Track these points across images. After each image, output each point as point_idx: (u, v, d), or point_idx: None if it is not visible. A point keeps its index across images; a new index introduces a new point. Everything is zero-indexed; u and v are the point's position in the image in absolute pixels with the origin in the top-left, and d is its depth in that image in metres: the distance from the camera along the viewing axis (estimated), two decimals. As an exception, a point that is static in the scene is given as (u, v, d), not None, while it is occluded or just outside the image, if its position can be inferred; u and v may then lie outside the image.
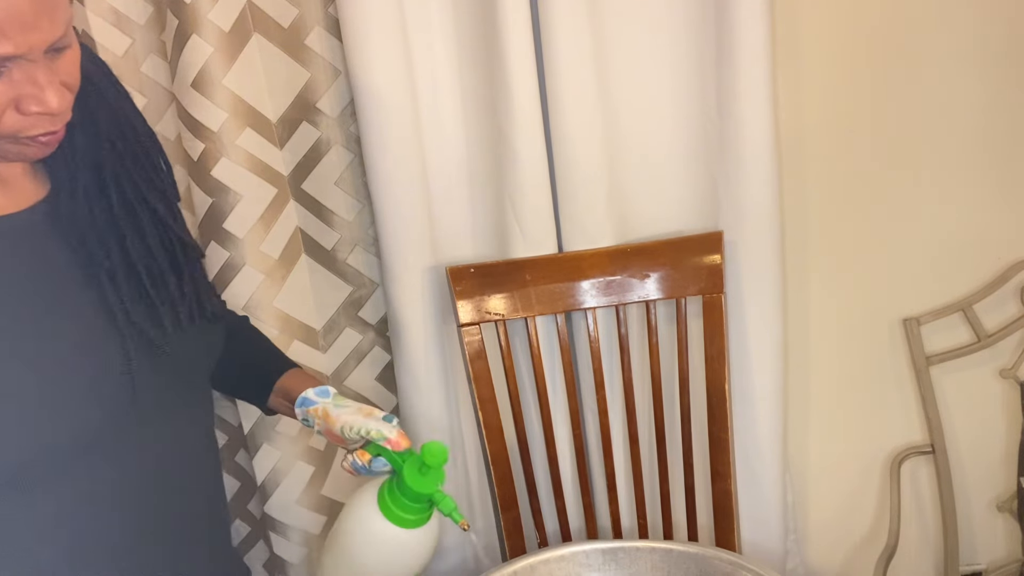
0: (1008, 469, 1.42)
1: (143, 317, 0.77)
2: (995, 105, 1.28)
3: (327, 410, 0.90)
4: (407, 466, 0.84)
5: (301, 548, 1.34)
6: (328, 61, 1.21)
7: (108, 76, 0.82)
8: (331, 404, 0.90)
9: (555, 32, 1.14)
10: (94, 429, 0.73)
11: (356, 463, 0.87)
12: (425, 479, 0.83)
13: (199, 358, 0.86)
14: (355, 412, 0.88)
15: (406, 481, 0.83)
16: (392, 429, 0.86)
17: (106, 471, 0.75)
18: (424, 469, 0.83)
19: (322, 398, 0.91)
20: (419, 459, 0.83)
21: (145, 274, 0.78)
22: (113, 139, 0.79)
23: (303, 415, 0.92)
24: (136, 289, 0.78)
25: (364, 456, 0.87)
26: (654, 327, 1.22)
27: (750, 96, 1.16)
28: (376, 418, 0.87)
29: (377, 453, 0.87)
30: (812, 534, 1.47)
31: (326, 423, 0.89)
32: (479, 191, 1.26)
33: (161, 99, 1.21)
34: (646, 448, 1.32)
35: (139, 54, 1.20)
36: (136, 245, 0.78)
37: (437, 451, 0.83)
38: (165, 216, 0.82)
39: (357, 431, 0.86)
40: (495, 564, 1.23)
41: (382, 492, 0.85)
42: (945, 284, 1.35)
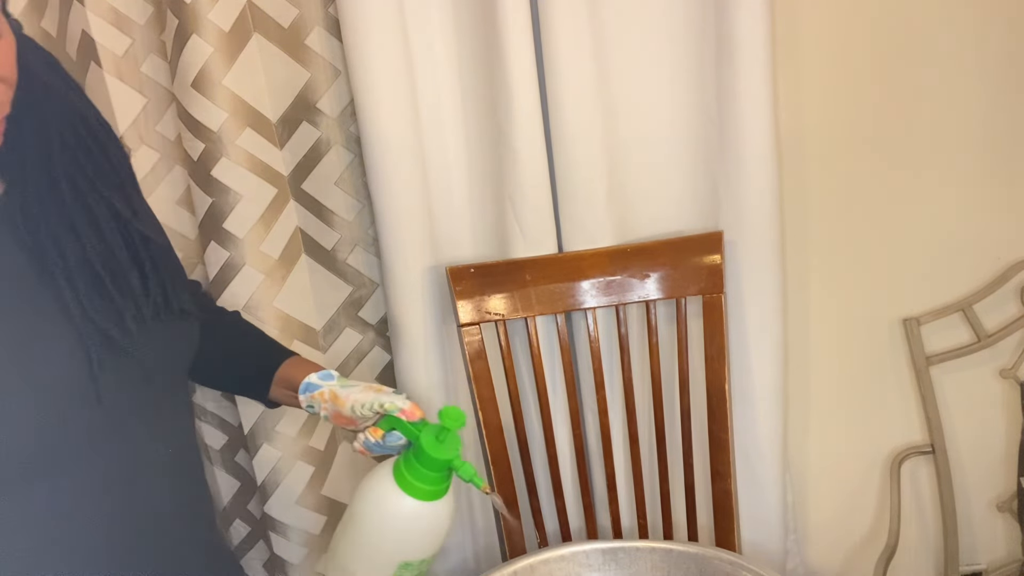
0: (1008, 469, 1.43)
1: (103, 316, 0.74)
2: (995, 105, 1.28)
3: (334, 392, 0.88)
4: (424, 434, 0.82)
5: (301, 548, 1.34)
6: (328, 61, 1.21)
7: (54, 67, 0.79)
8: (337, 386, 0.88)
9: (555, 32, 1.14)
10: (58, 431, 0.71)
11: (368, 442, 0.86)
12: (444, 446, 0.82)
13: (171, 355, 0.84)
14: (364, 390, 0.87)
15: (425, 449, 0.81)
16: (405, 400, 0.85)
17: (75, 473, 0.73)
18: (443, 435, 0.82)
19: (326, 381, 0.90)
20: (435, 428, 0.82)
21: (104, 271, 0.76)
22: (63, 133, 0.76)
23: (308, 401, 0.90)
24: (95, 287, 0.75)
25: (376, 433, 0.85)
26: (654, 327, 1.22)
27: (750, 96, 1.16)
28: (386, 392, 0.86)
29: (390, 428, 0.85)
30: (812, 534, 1.47)
31: (334, 405, 0.87)
32: (479, 191, 1.26)
33: (161, 99, 1.21)
34: (646, 448, 1.32)
35: (139, 54, 1.20)
36: (92, 241, 0.76)
37: (456, 415, 0.82)
38: (122, 210, 0.79)
39: (369, 407, 0.85)
40: (495, 564, 1.23)
41: (398, 465, 0.84)
42: (945, 284, 1.35)
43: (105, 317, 0.74)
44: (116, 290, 0.76)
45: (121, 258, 0.78)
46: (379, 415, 0.85)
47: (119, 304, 0.76)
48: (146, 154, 1.23)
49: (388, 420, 0.85)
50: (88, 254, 0.75)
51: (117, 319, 0.75)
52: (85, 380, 0.72)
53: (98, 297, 0.75)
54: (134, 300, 0.78)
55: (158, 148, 1.23)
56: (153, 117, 1.22)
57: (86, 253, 0.75)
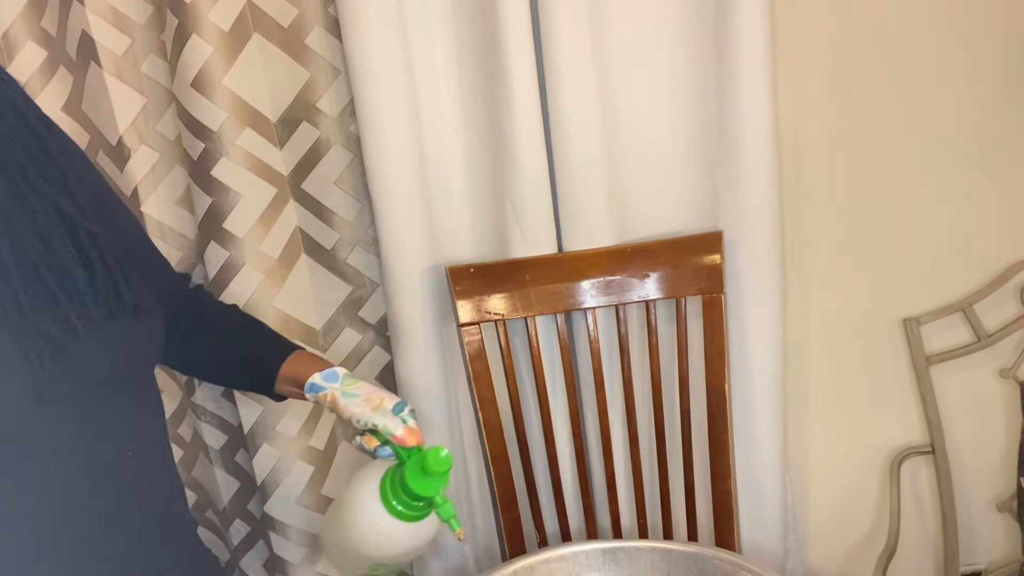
0: (1008, 469, 1.42)
1: (45, 317, 0.73)
2: (995, 105, 1.28)
3: (335, 398, 0.88)
4: (410, 465, 0.83)
5: (301, 548, 1.34)
6: (328, 61, 1.21)
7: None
8: (339, 392, 0.88)
9: (555, 32, 1.14)
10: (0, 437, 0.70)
11: (364, 447, 0.87)
12: (427, 481, 0.83)
13: (128, 354, 0.82)
14: (363, 404, 0.87)
15: (407, 480, 0.82)
16: (399, 425, 0.85)
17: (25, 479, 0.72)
18: (427, 472, 0.82)
19: (330, 383, 0.90)
20: (422, 459, 0.82)
21: (47, 271, 0.74)
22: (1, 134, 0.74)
23: (314, 399, 0.91)
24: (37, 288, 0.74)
25: (371, 442, 0.86)
26: (654, 327, 1.22)
27: (750, 96, 1.16)
28: (384, 410, 0.86)
29: (384, 441, 0.86)
30: (812, 534, 1.47)
31: (335, 410, 0.88)
32: (479, 191, 1.26)
33: (161, 99, 1.21)
34: (646, 448, 1.32)
35: (139, 54, 1.20)
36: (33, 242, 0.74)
37: (442, 459, 0.82)
38: (67, 208, 0.77)
39: (365, 424, 0.85)
40: (495, 564, 1.23)
41: (384, 482, 0.85)
42: (945, 284, 1.35)
43: (47, 318, 0.73)
44: (60, 290, 0.75)
45: (66, 257, 0.76)
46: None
47: (63, 304, 0.74)
48: (146, 154, 1.23)
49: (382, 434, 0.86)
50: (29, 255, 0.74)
51: (61, 320, 0.74)
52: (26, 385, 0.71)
53: (40, 298, 0.74)
54: (80, 299, 0.76)
55: (158, 148, 1.23)
56: (153, 117, 1.22)
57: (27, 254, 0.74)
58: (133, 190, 1.23)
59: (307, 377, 0.91)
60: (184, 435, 1.39)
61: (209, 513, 1.44)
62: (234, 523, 1.40)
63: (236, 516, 1.40)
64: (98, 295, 0.77)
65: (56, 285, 0.75)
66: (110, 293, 0.79)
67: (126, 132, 1.21)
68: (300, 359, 0.95)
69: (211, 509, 1.43)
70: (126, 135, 1.21)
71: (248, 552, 1.42)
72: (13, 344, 0.71)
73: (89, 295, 0.77)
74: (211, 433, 1.34)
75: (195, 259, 1.27)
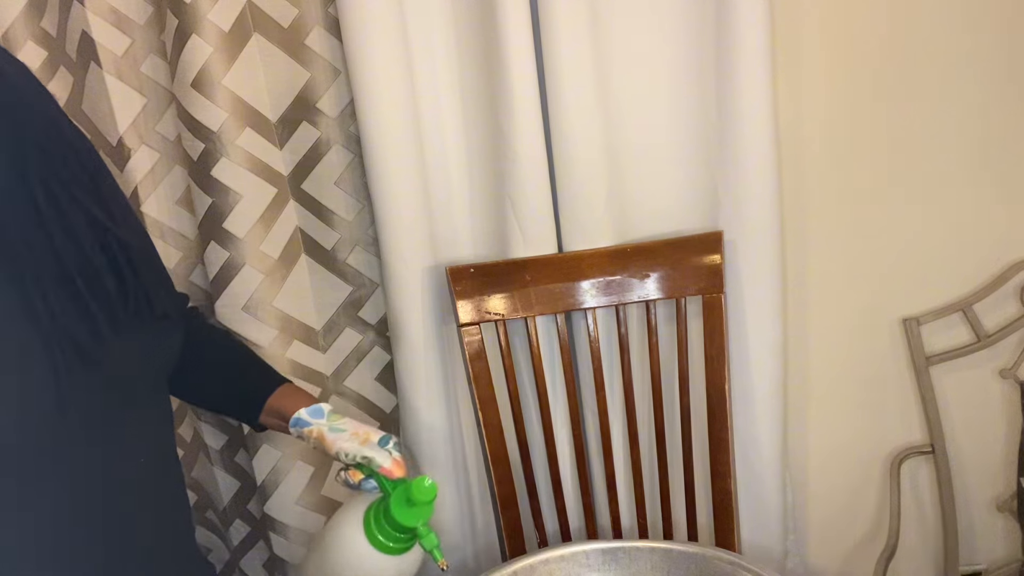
0: (1008, 469, 1.43)
1: (74, 322, 0.73)
2: (995, 105, 1.28)
3: (322, 433, 0.89)
4: (395, 496, 0.84)
5: (301, 548, 1.34)
6: (328, 61, 1.21)
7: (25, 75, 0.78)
8: (326, 427, 0.90)
9: (555, 32, 1.14)
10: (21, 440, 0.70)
11: (349, 481, 0.88)
12: (411, 512, 0.83)
13: (151, 362, 0.83)
14: (350, 438, 0.88)
15: (392, 512, 0.83)
16: (387, 457, 0.86)
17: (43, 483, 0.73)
18: (412, 502, 0.83)
19: (316, 419, 0.91)
20: (409, 490, 0.83)
21: (78, 276, 0.75)
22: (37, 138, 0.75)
23: (298, 434, 0.92)
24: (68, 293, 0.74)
25: (356, 476, 0.87)
26: (654, 327, 1.22)
27: (750, 96, 1.16)
28: (372, 444, 0.87)
29: (369, 474, 0.87)
30: (812, 534, 1.47)
31: (322, 445, 0.89)
32: (479, 191, 1.26)
33: (161, 99, 1.21)
34: (646, 448, 1.32)
35: (139, 54, 1.20)
36: (66, 247, 0.74)
37: (426, 489, 0.83)
38: (99, 216, 0.78)
39: (352, 458, 0.87)
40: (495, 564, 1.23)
41: (368, 515, 0.86)
42: (945, 284, 1.35)
43: (76, 323, 0.73)
44: (91, 295, 0.75)
45: (97, 264, 0.76)
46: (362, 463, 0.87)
47: (93, 310, 0.75)
48: (146, 154, 1.23)
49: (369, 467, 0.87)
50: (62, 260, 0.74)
51: (90, 325, 0.74)
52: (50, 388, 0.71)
53: (70, 303, 0.74)
54: (110, 306, 0.77)
55: (158, 148, 1.23)
56: (153, 117, 1.22)
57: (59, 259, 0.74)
58: (133, 190, 1.23)
59: (293, 411, 0.92)
60: (184, 435, 1.39)
61: (209, 513, 1.44)
62: (234, 523, 1.40)
63: (236, 516, 1.40)
64: (127, 302, 0.78)
65: (88, 291, 0.75)
66: (141, 300, 0.80)
67: (126, 132, 1.21)
68: (287, 392, 0.96)
69: (211, 509, 1.43)
70: (126, 135, 1.21)
71: (248, 552, 1.42)
72: (40, 347, 0.72)
73: (119, 302, 0.78)
74: (211, 433, 1.34)
75: (195, 259, 1.28)
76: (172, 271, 1.27)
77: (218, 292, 1.22)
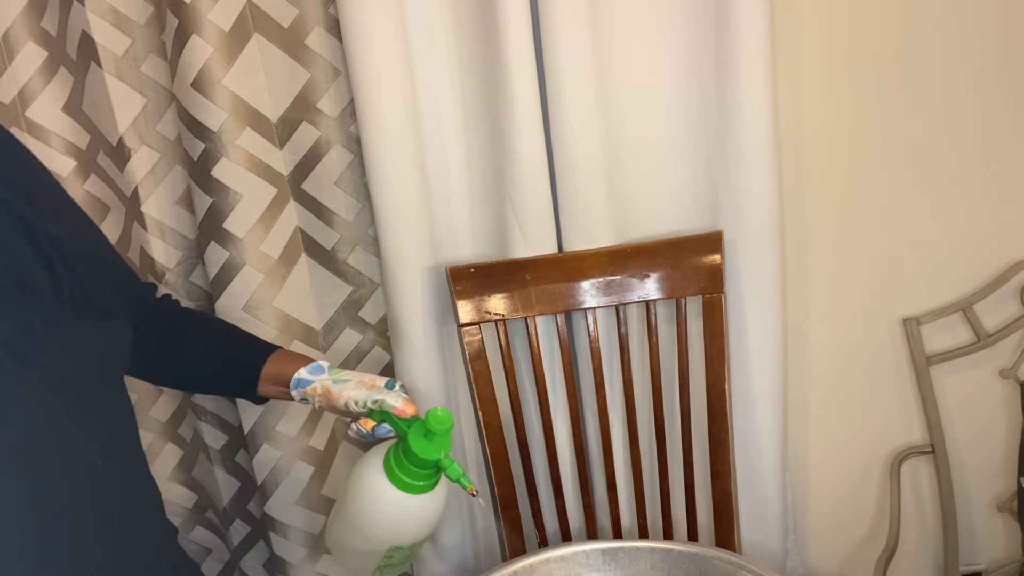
0: (1008, 469, 1.43)
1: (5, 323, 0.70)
2: (995, 105, 1.28)
3: (327, 388, 0.88)
4: (412, 432, 0.83)
5: (301, 548, 1.34)
6: (328, 61, 1.21)
7: None
8: (329, 381, 0.89)
9: (555, 32, 1.14)
10: None
11: (361, 431, 0.87)
12: (431, 445, 0.83)
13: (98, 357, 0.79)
14: (356, 386, 0.87)
15: (412, 447, 0.83)
16: (397, 397, 0.85)
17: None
18: (429, 435, 0.83)
19: (317, 375, 0.90)
20: (424, 425, 0.83)
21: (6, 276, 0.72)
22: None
23: (300, 396, 0.90)
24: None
25: (368, 424, 0.86)
26: (654, 327, 1.22)
27: (750, 96, 1.16)
28: (379, 388, 0.86)
29: (381, 420, 0.86)
30: (812, 534, 1.47)
31: (328, 399, 0.88)
32: (479, 191, 1.26)
33: (161, 99, 1.21)
34: (646, 448, 1.32)
35: (139, 54, 1.20)
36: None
37: (442, 418, 0.83)
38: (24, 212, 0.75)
39: (363, 404, 0.85)
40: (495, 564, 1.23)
41: (388, 458, 0.85)
42: (945, 284, 1.35)
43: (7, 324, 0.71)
44: (19, 291, 0.72)
45: (24, 260, 0.74)
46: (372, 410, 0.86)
47: (24, 309, 0.72)
48: (146, 154, 1.23)
49: (380, 412, 0.86)
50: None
51: (22, 325, 0.72)
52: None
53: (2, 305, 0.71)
54: (43, 301, 0.74)
55: (158, 148, 1.23)
56: (153, 117, 1.22)
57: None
58: (133, 190, 1.23)
59: (291, 374, 0.90)
60: (184, 435, 1.39)
61: (209, 513, 1.44)
62: (234, 523, 1.40)
63: (236, 516, 1.40)
64: (62, 296, 0.75)
65: (15, 287, 0.72)
66: (76, 294, 0.76)
67: (126, 132, 1.21)
68: (281, 357, 0.94)
69: (211, 509, 1.43)
70: (126, 135, 1.21)
71: (248, 552, 1.42)
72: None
73: (52, 296, 0.74)
74: (211, 433, 1.34)
75: (195, 259, 1.27)
76: (172, 271, 1.27)
77: (218, 292, 1.22)
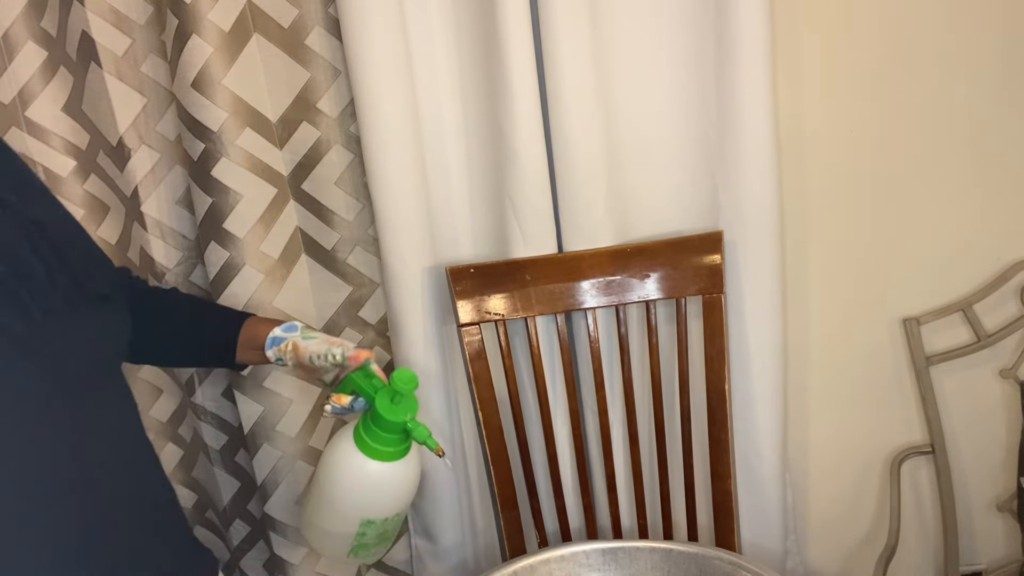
0: (1008, 469, 1.43)
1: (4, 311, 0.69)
2: (995, 104, 1.28)
3: (296, 343, 0.90)
4: (379, 397, 0.85)
5: (301, 548, 1.34)
6: (328, 61, 1.21)
7: None
8: (299, 337, 0.91)
9: (555, 32, 1.14)
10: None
11: (336, 407, 0.88)
12: (397, 408, 0.84)
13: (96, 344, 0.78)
14: (321, 342, 0.90)
15: (379, 411, 0.84)
16: (351, 346, 0.87)
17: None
18: (397, 398, 0.84)
19: (290, 333, 0.92)
20: (390, 389, 0.85)
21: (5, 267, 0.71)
22: None
23: (275, 355, 0.92)
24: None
25: (342, 399, 0.88)
26: (654, 327, 1.22)
27: (750, 96, 1.16)
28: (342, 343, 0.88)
29: (352, 391, 0.88)
30: (812, 534, 1.47)
31: (296, 355, 0.90)
32: (479, 191, 1.26)
33: (161, 99, 1.21)
34: (646, 448, 1.32)
35: (139, 54, 1.20)
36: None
37: (407, 377, 0.84)
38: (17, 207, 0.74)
39: (324, 357, 0.87)
40: (495, 564, 1.23)
41: (357, 428, 0.87)
42: (945, 284, 1.35)
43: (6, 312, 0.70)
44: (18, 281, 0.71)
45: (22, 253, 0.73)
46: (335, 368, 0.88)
47: (22, 296, 0.71)
48: (146, 154, 1.23)
49: (348, 383, 0.88)
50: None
51: (21, 313, 0.71)
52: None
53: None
54: (40, 291, 0.73)
55: (158, 148, 1.23)
56: (153, 117, 1.22)
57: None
58: (133, 190, 1.23)
59: (266, 335, 0.93)
60: (184, 435, 1.39)
61: (209, 513, 1.44)
62: (234, 523, 1.40)
63: (236, 516, 1.40)
64: (57, 285, 0.74)
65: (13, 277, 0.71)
66: (69, 283, 0.76)
67: (126, 132, 1.21)
68: (255, 321, 0.97)
69: (211, 509, 1.43)
70: (126, 135, 1.21)
71: (248, 552, 1.42)
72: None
73: (47, 285, 0.73)
74: (211, 433, 1.34)
75: (195, 259, 1.27)
76: (172, 271, 1.27)
77: (218, 292, 1.22)
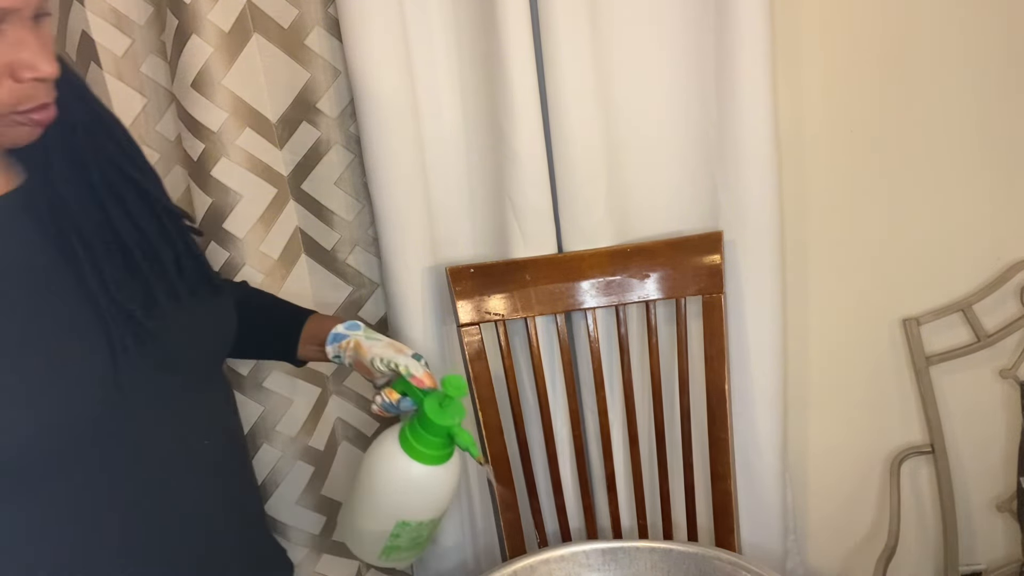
0: (1008, 469, 1.43)
1: (130, 296, 0.72)
2: (995, 104, 1.28)
3: (359, 342, 0.91)
4: (428, 401, 0.86)
5: (301, 548, 1.34)
6: (328, 61, 1.21)
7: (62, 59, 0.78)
8: (363, 336, 0.92)
9: (555, 32, 1.14)
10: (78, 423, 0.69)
11: (385, 402, 0.88)
12: (445, 412, 0.85)
13: (211, 335, 0.82)
14: (386, 346, 0.90)
15: (427, 415, 0.84)
16: (419, 367, 0.87)
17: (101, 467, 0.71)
18: (445, 403, 0.85)
19: (353, 331, 0.93)
20: (440, 395, 0.85)
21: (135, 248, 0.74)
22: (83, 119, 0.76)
23: (335, 352, 0.93)
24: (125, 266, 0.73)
25: (392, 395, 0.88)
26: (654, 327, 1.22)
27: (750, 96, 1.16)
28: (406, 355, 0.89)
29: (403, 392, 0.88)
30: (812, 534, 1.47)
31: (357, 354, 0.90)
32: (479, 191, 1.26)
33: (161, 99, 1.21)
34: (646, 448, 1.32)
35: (139, 54, 1.20)
36: (123, 223, 0.74)
37: (457, 383, 0.85)
38: (149, 188, 0.78)
39: (387, 363, 0.87)
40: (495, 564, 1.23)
41: (404, 430, 0.87)
42: (945, 284, 1.35)
43: (132, 297, 0.72)
44: (148, 267, 0.75)
45: (152, 237, 0.76)
46: (394, 373, 0.88)
47: (151, 283, 0.74)
48: (146, 154, 1.22)
49: (400, 383, 0.88)
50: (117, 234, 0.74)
51: (146, 298, 0.74)
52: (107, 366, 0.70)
53: (127, 276, 0.73)
54: (167, 278, 0.76)
55: (158, 148, 1.23)
56: (153, 117, 1.22)
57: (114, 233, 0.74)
58: (133, 190, 1.23)
59: (328, 331, 0.93)
60: (184, 435, 1.39)
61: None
62: (234, 523, 1.40)
63: (236, 516, 1.40)
64: (183, 275, 0.78)
65: (144, 263, 0.74)
66: (195, 271, 0.79)
67: (126, 132, 1.21)
68: (318, 319, 0.99)
69: (211, 509, 1.43)
70: (126, 135, 1.21)
71: (248, 552, 1.42)
72: (96, 325, 0.70)
73: (175, 274, 0.77)
74: (211, 433, 1.34)
75: (195, 259, 1.27)
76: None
77: (218, 292, 1.22)
